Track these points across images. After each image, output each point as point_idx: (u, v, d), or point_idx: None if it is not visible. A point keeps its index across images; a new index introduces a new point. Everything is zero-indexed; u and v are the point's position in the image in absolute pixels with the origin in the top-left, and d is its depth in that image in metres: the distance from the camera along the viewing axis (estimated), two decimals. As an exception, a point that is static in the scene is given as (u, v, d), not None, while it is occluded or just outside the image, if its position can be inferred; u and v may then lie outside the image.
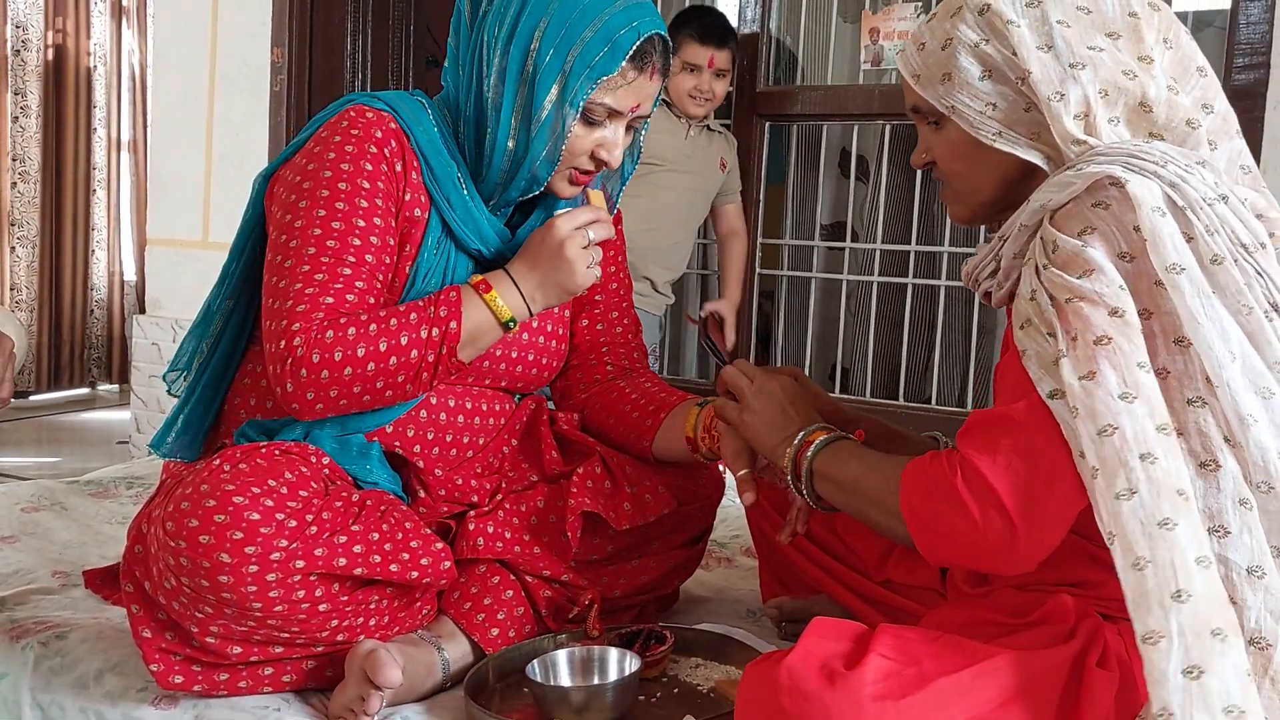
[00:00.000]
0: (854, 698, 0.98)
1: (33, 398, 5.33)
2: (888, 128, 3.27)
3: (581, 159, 1.43)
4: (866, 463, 1.22)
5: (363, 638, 1.33)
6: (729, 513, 2.01)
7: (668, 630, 1.44)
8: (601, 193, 1.48)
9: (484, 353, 1.45)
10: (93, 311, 5.64)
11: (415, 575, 1.33)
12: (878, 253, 3.36)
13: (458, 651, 1.42)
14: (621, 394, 1.62)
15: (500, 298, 1.36)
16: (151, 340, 3.91)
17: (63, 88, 5.39)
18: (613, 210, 1.59)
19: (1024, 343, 1.07)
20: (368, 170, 1.35)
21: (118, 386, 5.70)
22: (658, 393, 1.61)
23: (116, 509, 2.13)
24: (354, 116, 1.38)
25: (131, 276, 5.79)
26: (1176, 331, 1.02)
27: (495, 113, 1.39)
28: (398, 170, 1.38)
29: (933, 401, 3.32)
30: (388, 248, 1.37)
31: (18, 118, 5.22)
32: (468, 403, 1.51)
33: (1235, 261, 1.04)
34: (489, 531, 1.47)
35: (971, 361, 3.28)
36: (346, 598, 1.30)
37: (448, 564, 1.37)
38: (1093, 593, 1.14)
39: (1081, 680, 1.04)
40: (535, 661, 1.33)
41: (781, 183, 3.51)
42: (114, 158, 5.68)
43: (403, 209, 1.39)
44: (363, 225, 1.33)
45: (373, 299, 1.34)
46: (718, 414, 1.43)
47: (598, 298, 1.65)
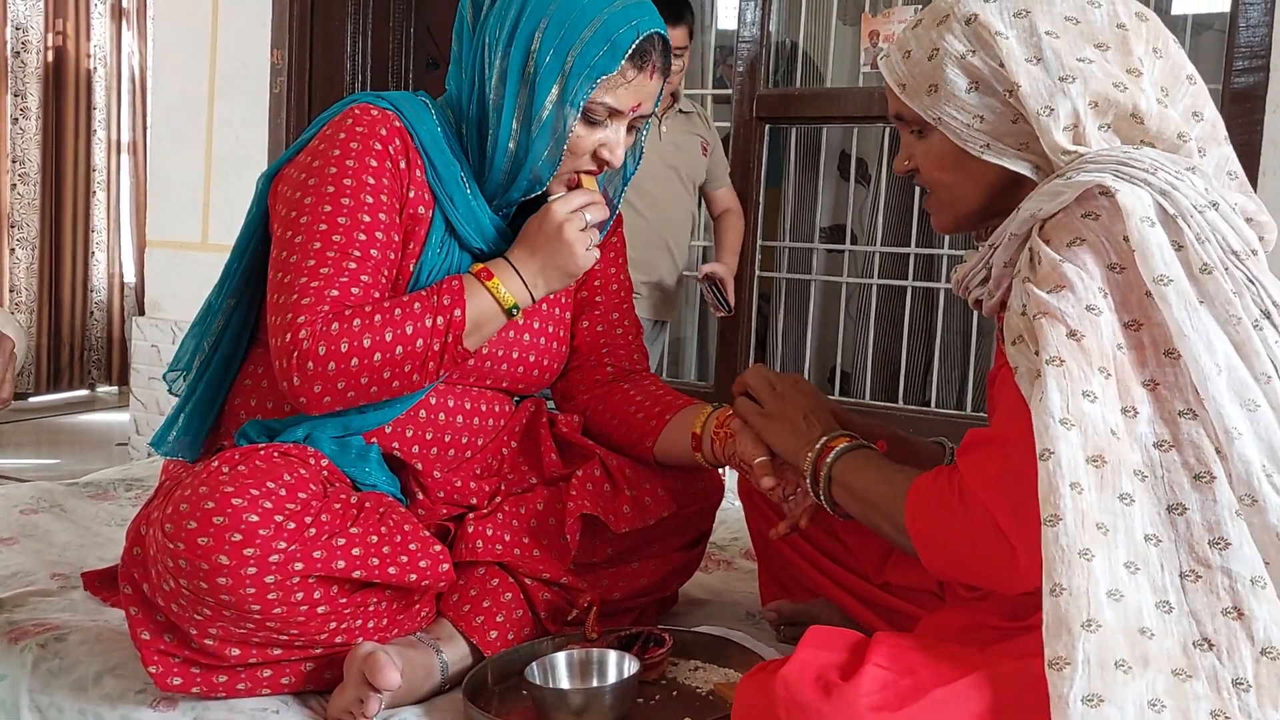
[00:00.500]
0: (850, 709, 0.98)
1: (32, 399, 5.33)
2: (887, 131, 3.28)
3: (584, 159, 1.43)
4: (879, 475, 1.23)
5: (361, 640, 1.33)
6: (728, 515, 2.01)
7: (666, 633, 1.44)
8: (594, 179, 1.48)
9: (483, 354, 1.45)
10: (92, 313, 5.64)
11: (414, 578, 1.33)
12: (877, 255, 3.36)
13: (456, 654, 1.41)
14: (625, 395, 1.62)
15: (502, 285, 1.37)
16: (151, 342, 3.91)
17: (63, 89, 5.39)
18: (614, 211, 1.59)
19: (1015, 359, 1.07)
20: (372, 167, 1.36)
21: (117, 388, 5.70)
22: (663, 395, 1.61)
23: (116, 511, 2.13)
24: (358, 114, 1.38)
25: (131, 278, 5.79)
26: (1167, 343, 1.02)
27: (497, 114, 1.39)
28: (402, 168, 1.39)
29: (932, 404, 3.32)
30: (392, 243, 1.37)
31: (17, 119, 5.22)
32: (467, 403, 1.51)
33: (1225, 270, 1.04)
34: (488, 534, 1.47)
35: (971, 364, 3.28)
36: (345, 600, 1.30)
37: (446, 566, 1.37)
38: None
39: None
40: (534, 664, 1.32)
41: (777, 185, 3.52)
42: (114, 159, 5.69)
43: (406, 206, 1.40)
44: (367, 221, 1.34)
45: (377, 293, 1.35)
46: (737, 414, 1.44)
47: (598, 299, 1.65)
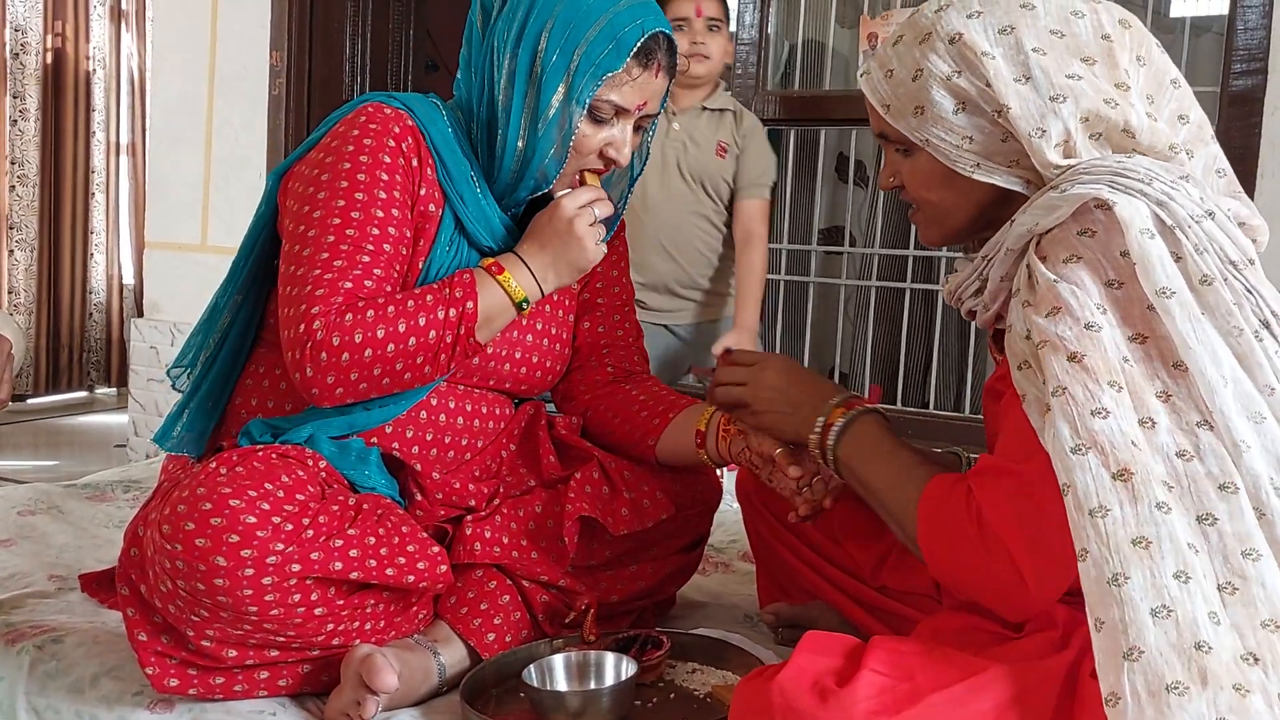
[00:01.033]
0: (847, 715, 0.98)
1: (30, 401, 5.32)
2: (885, 133, 3.28)
3: (590, 158, 1.44)
4: (888, 474, 1.20)
5: (359, 642, 1.33)
6: (726, 518, 2.01)
7: (664, 635, 1.44)
8: (598, 178, 1.48)
9: (486, 354, 1.45)
10: (91, 315, 5.64)
11: (411, 580, 1.33)
12: (876, 257, 3.36)
13: (454, 656, 1.41)
14: (627, 394, 1.62)
15: (513, 278, 1.38)
16: (150, 344, 3.91)
17: (62, 91, 5.39)
18: (620, 214, 1.60)
19: (1023, 386, 1.05)
20: (385, 163, 1.37)
21: (116, 390, 5.69)
22: (666, 394, 1.62)
23: (114, 513, 2.13)
24: (372, 113, 1.40)
25: (130, 280, 5.79)
26: (1174, 356, 1.00)
27: (505, 114, 1.41)
28: (414, 166, 1.40)
29: (930, 406, 3.32)
30: (404, 239, 1.38)
31: (16, 121, 5.22)
32: (467, 405, 1.51)
33: (1225, 280, 1.03)
34: (486, 536, 1.47)
35: (969, 366, 3.28)
36: (342, 602, 1.30)
37: (444, 568, 1.37)
38: (1082, 598, 1.13)
39: (1075, 691, 1.03)
40: (532, 666, 1.32)
41: (775, 187, 3.51)
42: (113, 161, 5.68)
43: (418, 203, 1.41)
44: (380, 216, 1.35)
45: (389, 287, 1.35)
46: (728, 416, 1.44)
47: (599, 301, 1.66)
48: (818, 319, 3.45)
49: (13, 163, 5.22)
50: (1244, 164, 2.66)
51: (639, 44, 1.38)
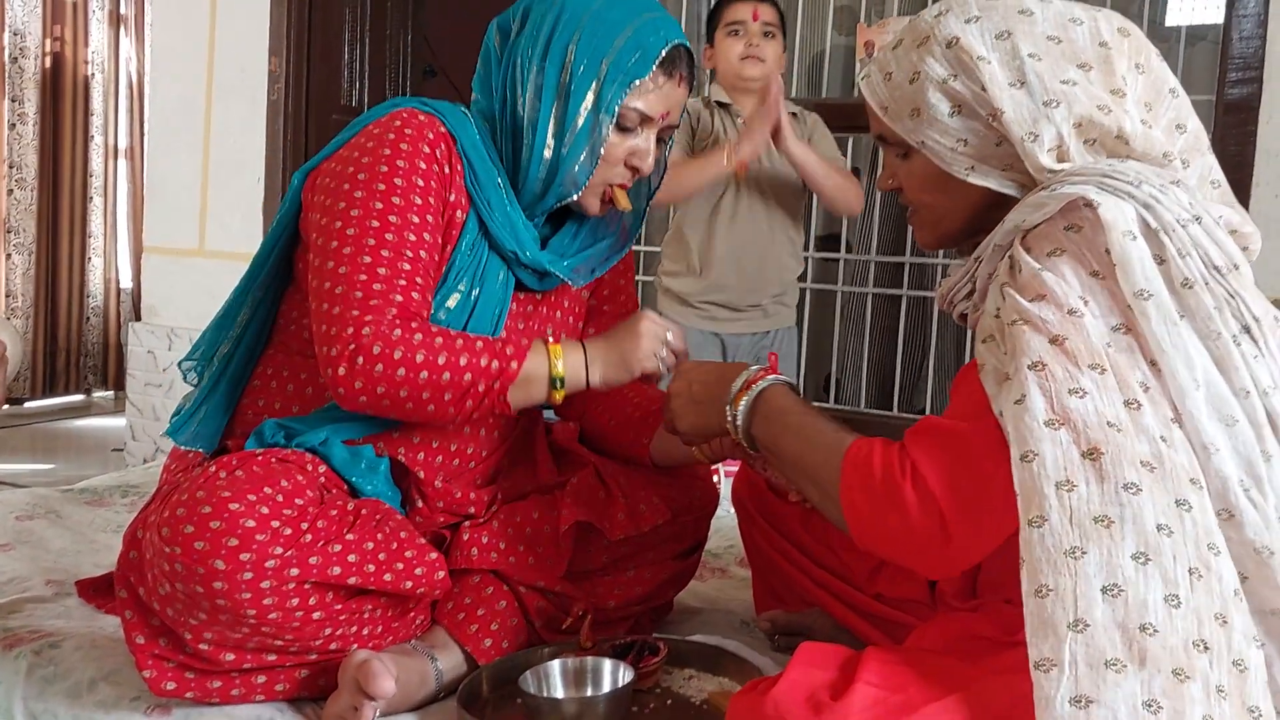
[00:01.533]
0: None
1: (28, 404, 5.32)
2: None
3: (617, 168, 1.47)
4: (802, 437, 1.19)
5: (356, 647, 1.33)
6: (723, 523, 2.02)
7: (661, 641, 1.44)
8: (625, 193, 1.50)
9: None
10: (89, 319, 5.64)
11: (409, 585, 1.34)
12: (872, 264, 3.37)
13: (451, 661, 1.42)
14: (622, 395, 1.63)
15: (563, 351, 1.39)
16: (147, 348, 3.91)
17: (60, 95, 5.39)
18: (639, 226, 1.63)
19: (984, 357, 1.07)
20: (422, 169, 1.38)
21: (113, 393, 5.69)
22: (659, 394, 1.62)
23: (111, 517, 2.13)
24: (407, 117, 1.41)
25: (128, 284, 5.79)
26: (1150, 353, 1.02)
27: (532, 127, 1.43)
28: (446, 172, 1.42)
29: (926, 411, 3.33)
30: (437, 245, 1.40)
31: (15, 125, 5.22)
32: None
33: (1206, 284, 1.04)
34: (483, 542, 1.47)
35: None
36: (340, 606, 1.31)
37: (441, 574, 1.38)
38: None
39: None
40: (529, 672, 1.33)
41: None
42: (111, 165, 5.69)
43: (447, 209, 1.42)
44: (416, 222, 1.36)
45: (429, 295, 1.37)
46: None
47: (605, 308, 1.67)
48: (814, 325, 3.46)
49: (11, 166, 5.22)
50: (1239, 172, 2.68)
51: (664, 53, 1.42)
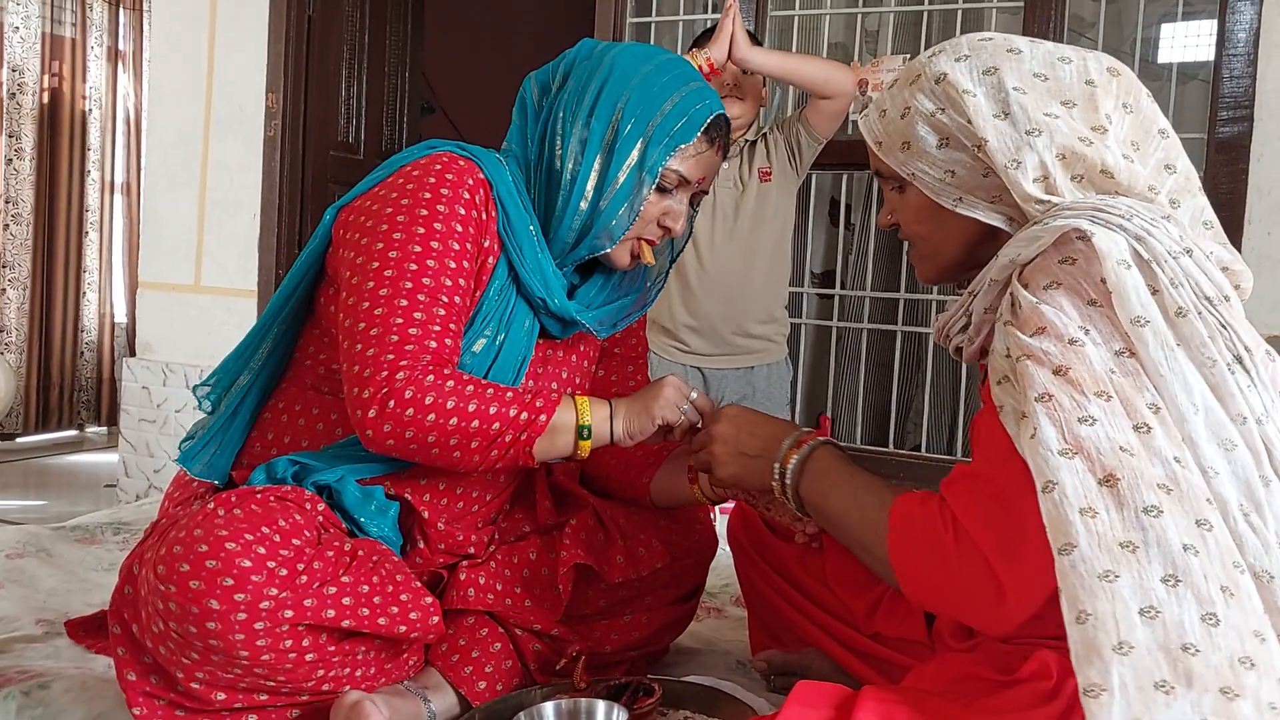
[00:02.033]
0: None
1: (20, 439, 5.30)
2: (873, 178, 3.30)
3: (650, 226, 1.49)
4: (849, 499, 1.22)
5: (348, 688, 1.32)
6: (719, 562, 2.00)
7: (656, 682, 1.43)
8: (651, 250, 1.53)
9: None
10: (83, 353, 5.64)
11: (404, 629, 1.33)
12: (867, 300, 3.38)
13: (444, 704, 1.41)
14: None
15: (590, 404, 1.39)
16: (141, 383, 3.90)
17: (57, 131, 5.42)
18: (664, 284, 1.65)
19: (1001, 399, 1.07)
20: (460, 215, 1.39)
21: (106, 429, 5.68)
22: (674, 443, 1.62)
23: (103, 555, 2.12)
24: (447, 162, 1.42)
25: (122, 319, 5.79)
26: (1151, 379, 1.03)
27: (571, 178, 1.45)
28: (483, 218, 1.42)
29: (922, 448, 3.32)
30: (469, 290, 1.41)
31: (11, 160, 5.24)
32: None
33: (1199, 314, 1.05)
34: (480, 583, 1.46)
35: (960, 408, 3.29)
36: (334, 648, 1.30)
37: (436, 619, 1.37)
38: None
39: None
40: (522, 714, 1.31)
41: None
42: (107, 200, 5.71)
43: (481, 254, 1.43)
44: (453, 267, 1.37)
45: (459, 342, 1.38)
46: (706, 476, 1.45)
47: (616, 350, 1.68)
48: (810, 361, 3.46)
49: (7, 201, 5.23)
50: (1231, 210, 2.69)
51: (708, 121, 1.46)
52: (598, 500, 1.57)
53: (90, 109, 5.57)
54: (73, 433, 5.60)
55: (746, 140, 2.77)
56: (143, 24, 5.74)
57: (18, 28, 5.22)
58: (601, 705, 1.34)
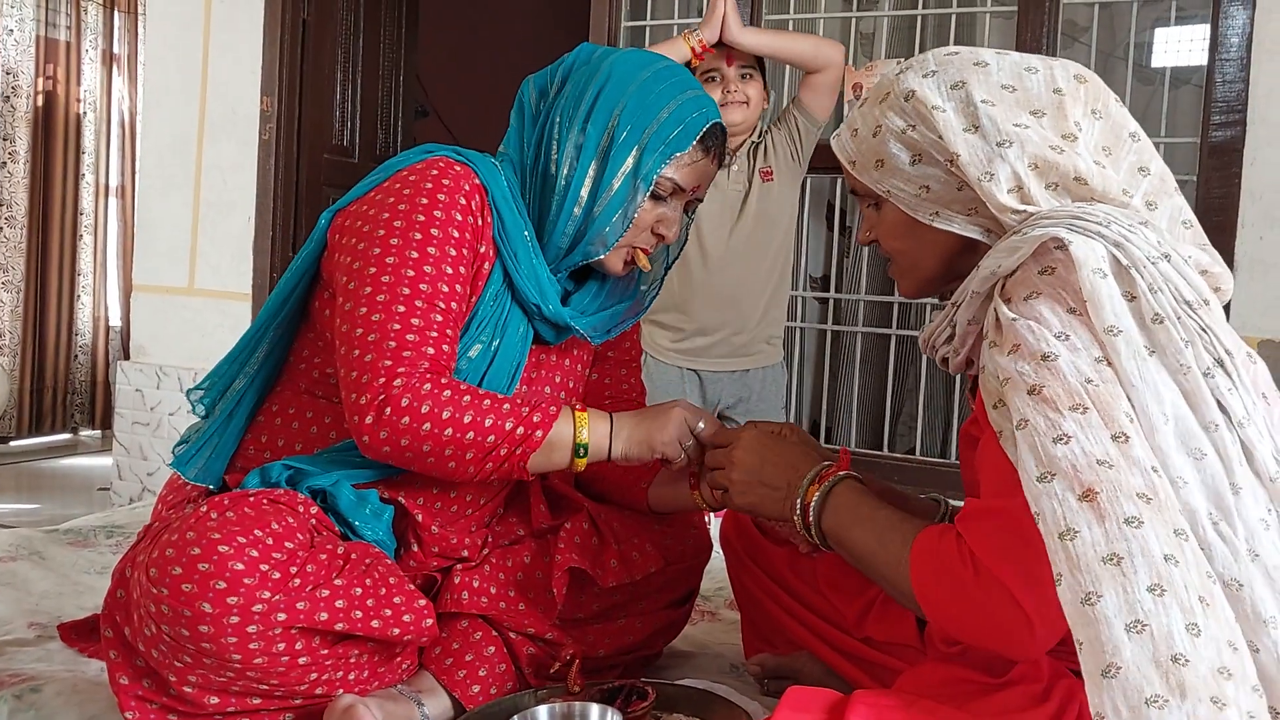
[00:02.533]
0: None
1: (13, 443, 5.30)
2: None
3: (644, 234, 1.49)
4: (872, 537, 1.21)
5: (341, 692, 1.32)
6: (713, 566, 2.00)
7: (649, 686, 1.43)
8: (646, 258, 1.52)
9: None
10: (76, 357, 5.63)
11: (397, 632, 1.33)
12: (861, 304, 3.38)
13: (438, 707, 1.41)
14: None
15: (589, 421, 1.39)
16: (135, 387, 3.90)
17: (52, 134, 5.42)
18: (658, 292, 1.65)
19: (999, 423, 1.07)
20: (457, 220, 1.39)
21: (100, 432, 5.67)
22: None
23: (96, 558, 2.11)
24: (444, 167, 1.41)
25: (117, 322, 5.79)
26: (1124, 387, 1.03)
27: (566, 183, 1.44)
28: (479, 224, 1.42)
29: (916, 452, 3.33)
30: (465, 297, 1.41)
31: (5, 163, 5.24)
32: None
33: (1177, 319, 1.05)
34: (474, 586, 1.46)
35: (954, 412, 3.30)
36: (326, 651, 1.30)
37: (429, 622, 1.37)
38: (1067, 648, 1.13)
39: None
40: (516, 717, 1.31)
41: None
42: (101, 204, 5.71)
43: (477, 260, 1.43)
44: (450, 273, 1.37)
45: (456, 348, 1.38)
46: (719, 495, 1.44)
47: (610, 354, 1.68)
48: (806, 365, 3.46)
49: (1, 205, 5.22)
50: (1224, 214, 2.70)
51: (704, 130, 1.45)
52: (592, 504, 1.57)
53: (85, 112, 5.57)
54: (66, 436, 5.60)
55: (751, 142, 2.77)
56: (137, 27, 5.74)
57: (12, 31, 5.22)
58: (595, 709, 1.34)
